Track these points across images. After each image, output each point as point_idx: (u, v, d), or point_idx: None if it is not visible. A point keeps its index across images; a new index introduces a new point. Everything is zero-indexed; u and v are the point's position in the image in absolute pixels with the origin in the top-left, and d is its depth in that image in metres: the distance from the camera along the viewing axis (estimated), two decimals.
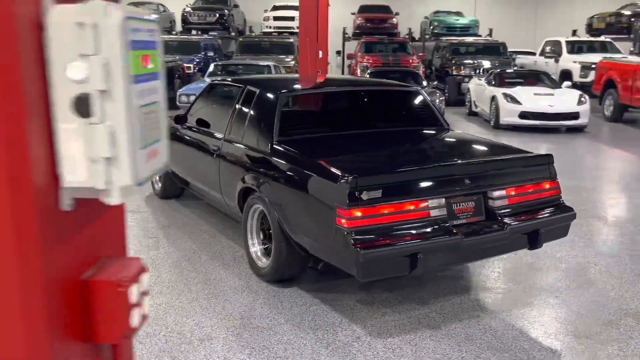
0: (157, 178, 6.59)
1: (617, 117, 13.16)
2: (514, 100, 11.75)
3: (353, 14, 22.25)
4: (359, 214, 3.28)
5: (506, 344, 3.36)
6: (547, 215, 3.84)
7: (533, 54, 21.75)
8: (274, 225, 3.95)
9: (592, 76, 15.15)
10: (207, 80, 13.04)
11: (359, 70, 16.15)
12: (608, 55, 15.53)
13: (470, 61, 16.65)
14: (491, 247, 3.66)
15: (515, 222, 3.64)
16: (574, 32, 21.00)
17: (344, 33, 22.12)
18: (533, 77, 13.50)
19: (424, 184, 3.52)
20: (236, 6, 22.58)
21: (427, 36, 21.71)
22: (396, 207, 3.38)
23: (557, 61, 16.46)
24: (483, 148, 4.47)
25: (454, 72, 16.33)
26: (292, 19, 21.34)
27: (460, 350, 3.29)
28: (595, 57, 15.67)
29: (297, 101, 4.36)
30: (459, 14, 22.96)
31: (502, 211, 3.68)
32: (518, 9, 25.54)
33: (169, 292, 4.01)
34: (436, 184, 3.53)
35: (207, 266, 4.49)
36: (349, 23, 22.22)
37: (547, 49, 17.20)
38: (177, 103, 11.84)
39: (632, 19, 19.54)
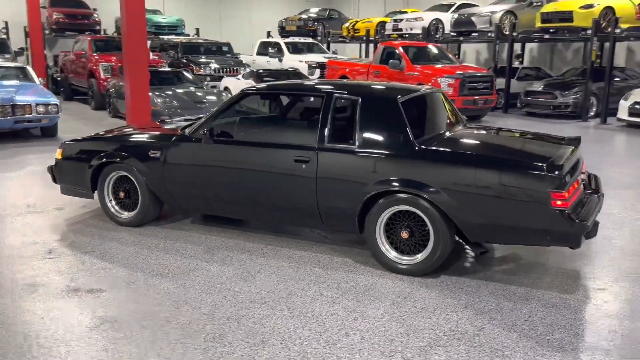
0: (116, 208, 5.60)
1: None
2: None
3: (44, 7, 19.96)
4: (567, 195, 3.98)
5: None
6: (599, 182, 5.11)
7: None
8: (435, 224, 4.23)
9: (317, 74, 17.31)
10: None
11: (101, 71, 14.94)
12: (329, 55, 17.94)
13: (206, 60, 17.07)
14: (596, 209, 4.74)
15: (598, 189, 4.81)
16: (269, 34, 23.19)
17: (44, 29, 19.70)
18: (285, 77, 14.83)
19: (573, 168, 4.38)
20: None
21: None
22: (571, 187, 4.18)
23: (281, 60, 18.15)
24: (545, 136, 5.26)
25: (195, 72, 16.50)
26: None
27: None
28: (314, 57, 17.90)
29: (410, 104, 4.61)
30: (157, 12, 22.78)
31: (585, 182, 4.79)
32: (203, 9, 26.59)
33: (359, 304, 3.92)
34: (574, 166, 4.43)
35: (337, 276, 4.39)
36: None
37: (270, 49, 18.74)
38: None
39: (315, 23, 22.71)
